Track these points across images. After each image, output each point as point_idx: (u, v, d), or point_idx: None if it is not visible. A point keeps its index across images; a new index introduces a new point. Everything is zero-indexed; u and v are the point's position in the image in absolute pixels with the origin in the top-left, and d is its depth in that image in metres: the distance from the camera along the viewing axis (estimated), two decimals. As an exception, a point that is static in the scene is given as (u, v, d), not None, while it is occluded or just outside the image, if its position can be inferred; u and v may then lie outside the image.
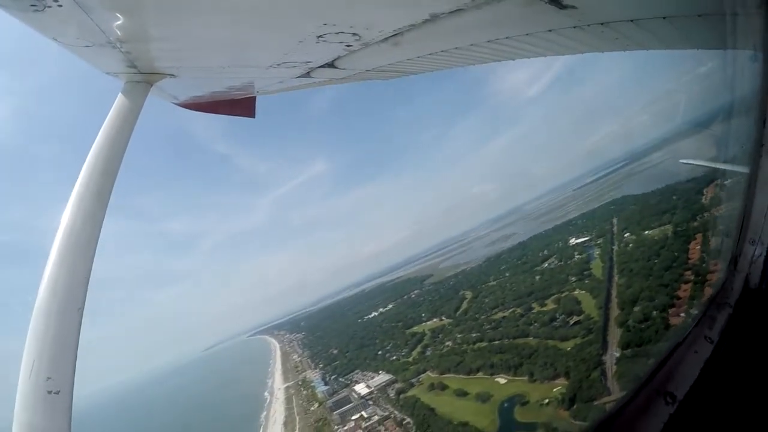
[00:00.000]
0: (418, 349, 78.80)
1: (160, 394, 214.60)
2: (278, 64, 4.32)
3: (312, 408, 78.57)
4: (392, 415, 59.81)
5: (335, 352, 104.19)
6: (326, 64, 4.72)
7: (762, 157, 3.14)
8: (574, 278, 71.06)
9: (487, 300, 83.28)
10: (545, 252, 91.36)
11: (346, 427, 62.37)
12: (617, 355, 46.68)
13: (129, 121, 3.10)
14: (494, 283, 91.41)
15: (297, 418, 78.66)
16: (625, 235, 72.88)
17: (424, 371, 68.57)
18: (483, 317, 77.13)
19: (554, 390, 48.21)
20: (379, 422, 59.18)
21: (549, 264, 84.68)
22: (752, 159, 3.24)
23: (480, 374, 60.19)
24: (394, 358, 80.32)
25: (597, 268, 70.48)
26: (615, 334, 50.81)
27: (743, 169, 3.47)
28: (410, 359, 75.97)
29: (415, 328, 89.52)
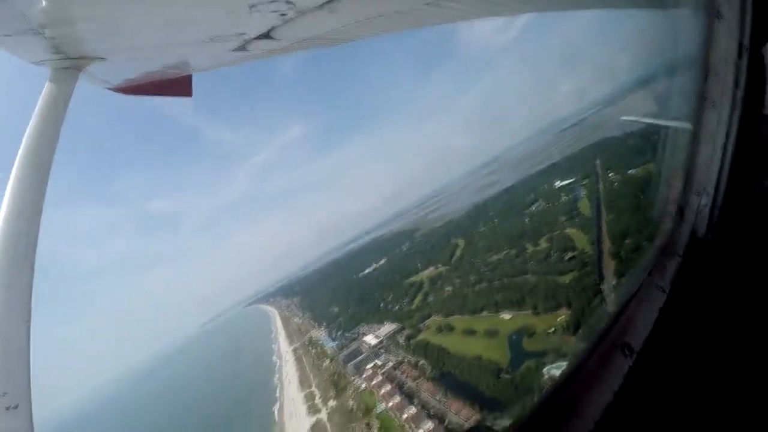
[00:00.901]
0: (420, 296, 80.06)
1: (168, 374, 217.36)
2: (211, 39, 4.14)
3: (324, 364, 79.86)
4: (406, 360, 61.46)
5: (336, 310, 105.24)
6: (262, 35, 4.44)
7: (705, 111, 3.28)
8: (563, 218, 72.44)
9: (480, 245, 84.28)
10: (532, 196, 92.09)
11: (363, 376, 64.17)
12: (614, 282, 48.79)
13: (59, 111, 2.94)
14: (485, 228, 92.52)
15: (311, 376, 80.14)
16: (610, 175, 74.10)
17: (429, 316, 70.01)
18: (479, 261, 78.18)
19: (558, 320, 50.02)
20: (395, 367, 60.86)
21: (537, 207, 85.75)
22: (695, 113, 3.37)
23: (485, 313, 61.72)
24: (397, 308, 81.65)
25: (585, 207, 72.06)
26: (609, 264, 52.71)
27: (686, 123, 3.63)
28: (413, 307, 77.47)
29: (413, 278, 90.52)
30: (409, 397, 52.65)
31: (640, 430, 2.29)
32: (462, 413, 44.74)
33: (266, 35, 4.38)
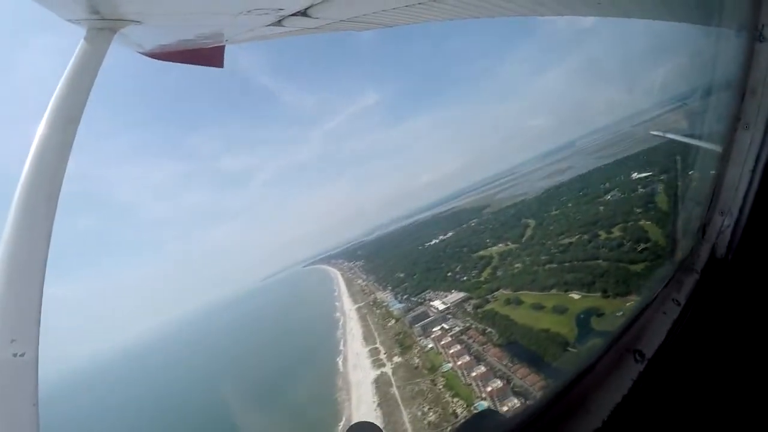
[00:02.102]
0: (488, 270, 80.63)
1: (228, 319, 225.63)
2: (248, 11, 4.17)
3: (389, 324, 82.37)
4: (473, 326, 62.97)
5: (401, 275, 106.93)
6: (299, 12, 4.57)
7: (737, 131, 3.22)
8: (639, 209, 71.34)
9: (551, 227, 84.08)
10: (607, 185, 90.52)
11: (430, 337, 66.18)
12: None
13: (91, 70, 2.96)
14: (557, 212, 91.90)
15: (375, 333, 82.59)
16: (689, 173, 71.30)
17: (498, 289, 70.69)
18: (550, 242, 78.12)
19: (627, 304, 49.70)
20: (462, 332, 62.48)
21: (611, 196, 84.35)
22: (728, 132, 3.30)
23: (554, 291, 62.10)
24: (465, 278, 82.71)
25: (662, 202, 70.00)
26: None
27: (717, 142, 3.55)
28: (481, 279, 78.25)
29: (482, 252, 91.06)
30: (477, 358, 54.22)
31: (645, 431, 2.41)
32: (528, 379, 46.16)
33: (303, 12, 4.52)
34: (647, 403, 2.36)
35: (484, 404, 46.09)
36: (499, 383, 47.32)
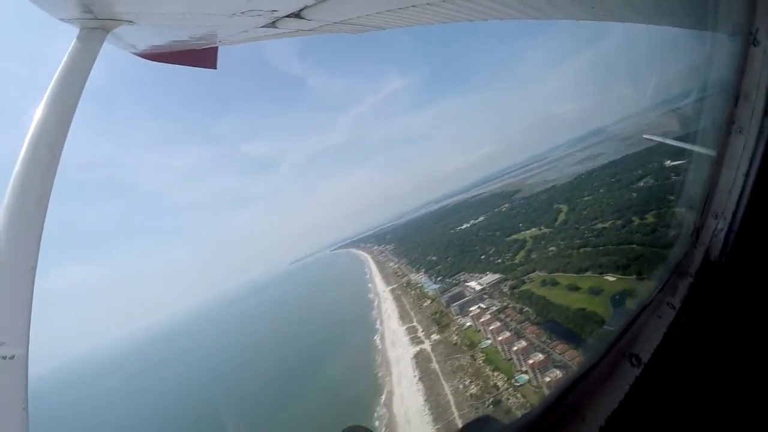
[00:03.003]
0: (522, 253, 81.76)
1: (260, 301, 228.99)
2: (242, 12, 4.18)
3: (425, 304, 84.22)
4: (510, 305, 64.37)
5: (434, 258, 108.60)
6: (293, 13, 4.57)
7: (731, 135, 3.23)
8: (672, 197, 71.34)
9: (584, 213, 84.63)
10: (639, 171, 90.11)
11: (468, 316, 67.92)
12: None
13: (83, 71, 2.91)
14: (589, 198, 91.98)
15: (412, 313, 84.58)
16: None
17: (533, 271, 72.02)
18: (583, 227, 78.88)
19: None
20: (499, 311, 63.88)
21: (645, 183, 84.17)
22: (722, 136, 3.32)
23: (588, 273, 63.01)
24: (499, 260, 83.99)
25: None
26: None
27: (711, 146, 3.57)
28: (516, 261, 79.50)
29: (515, 236, 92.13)
30: (516, 334, 55.84)
31: None
32: (567, 354, 47.73)
33: (297, 14, 4.49)
34: (644, 408, 2.38)
35: (525, 377, 48.14)
36: (540, 356, 48.93)
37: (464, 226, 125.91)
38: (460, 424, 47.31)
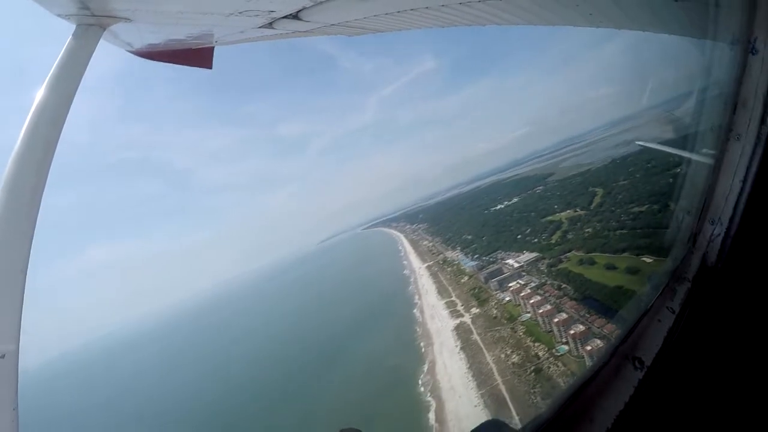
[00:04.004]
0: (559, 233, 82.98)
1: (293, 278, 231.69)
2: (240, 12, 4.15)
3: (462, 280, 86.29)
4: (548, 282, 65.97)
5: (469, 237, 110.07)
6: (290, 15, 4.56)
7: (729, 141, 3.24)
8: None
9: (620, 197, 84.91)
10: (677, 158, 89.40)
11: (507, 291, 69.48)
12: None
13: (79, 67, 2.91)
14: (625, 182, 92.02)
15: (450, 288, 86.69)
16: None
17: (570, 250, 73.12)
18: (619, 210, 79.43)
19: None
20: (538, 287, 65.41)
21: (681, 169, 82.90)
22: (720, 143, 3.31)
23: (626, 254, 63.97)
24: (536, 240, 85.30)
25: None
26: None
27: (709, 152, 3.54)
28: (552, 241, 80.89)
29: (550, 217, 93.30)
30: (557, 308, 57.47)
31: None
32: (606, 328, 49.27)
33: (295, 15, 4.48)
34: (649, 410, 2.41)
35: (565, 348, 50.27)
36: (581, 327, 50.74)
37: (498, 207, 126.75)
38: (503, 389, 50.25)
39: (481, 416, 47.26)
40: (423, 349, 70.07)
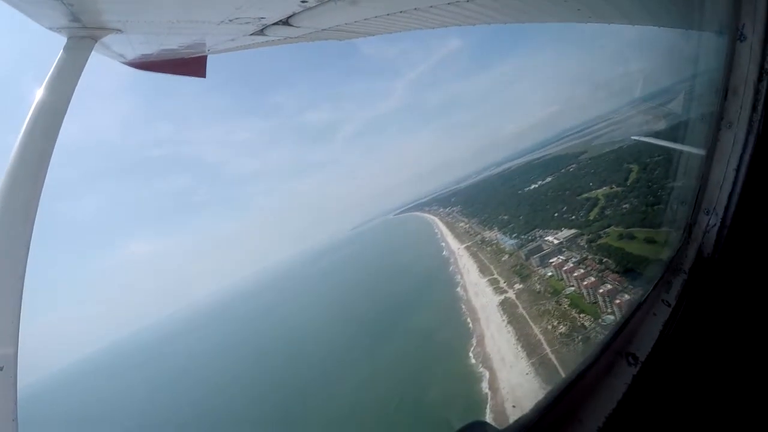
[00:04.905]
0: (596, 210, 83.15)
1: (329, 263, 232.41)
2: (230, 20, 4.10)
3: (503, 258, 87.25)
4: (589, 257, 66.68)
5: (506, 217, 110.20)
6: (281, 21, 4.53)
7: (721, 131, 3.22)
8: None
9: (656, 172, 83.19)
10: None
11: (549, 266, 70.85)
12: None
13: (71, 79, 2.93)
14: (660, 158, 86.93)
15: (491, 266, 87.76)
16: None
17: (608, 226, 73.52)
18: (656, 186, 77.76)
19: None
20: (580, 262, 66.37)
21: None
22: (711, 132, 3.31)
23: (665, 228, 63.96)
24: (573, 217, 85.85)
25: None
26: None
27: (701, 142, 3.59)
28: (590, 218, 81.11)
29: (586, 195, 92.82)
30: (600, 280, 58.46)
31: None
32: None
33: (285, 21, 4.55)
34: (643, 407, 2.33)
35: (611, 318, 51.44)
36: (627, 297, 51.33)
37: (532, 187, 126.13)
38: (553, 358, 52.41)
39: (533, 383, 49.22)
40: (470, 325, 71.96)
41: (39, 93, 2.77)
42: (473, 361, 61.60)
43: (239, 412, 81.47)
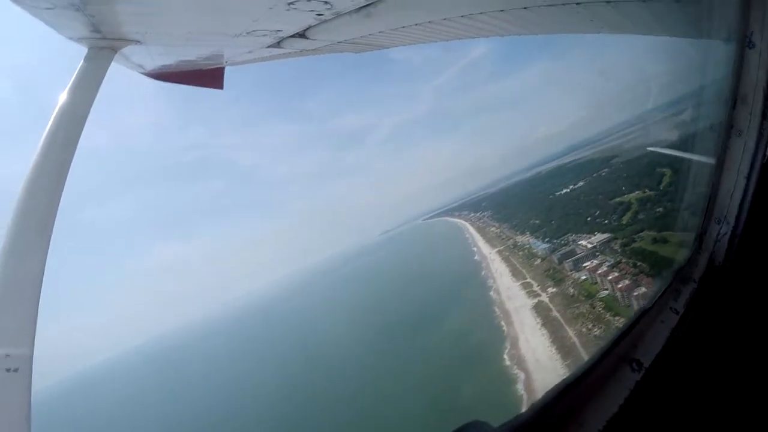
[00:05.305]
0: (629, 214, 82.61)
1: (359, 267, 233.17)
2: (247, 33, 4.16)
3: (535, 263, 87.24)
4: (624, 261, 66.30)
5: (537, 221, 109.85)
6: (297, 34, 4.56)
7: (731, 139, 3.18)
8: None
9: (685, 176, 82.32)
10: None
11: (583, 270, 70.62)
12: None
13: (91, 88, 2.94)
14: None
15: (523, 270, 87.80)
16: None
17: (642, 230, 73.12)
18: (690, 190, 77.64)
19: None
20: (614, 266, 65.97)
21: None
22: (721, 141, 3.27)
23: None
24: (606, 222, 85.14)
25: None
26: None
27: (710, 150, 3.55)
28: (624, 222, 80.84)
29: (618, 199, 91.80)
30: (634, 283, 58.50)
31: None
32: None
33: (302, 34, 4.58)
34: (644, 414, 2.30)
35: None
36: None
37: (564, 191, 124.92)
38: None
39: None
40: (504, 327, 72.39)
41: (60, 101, 2.84)
42: (508, 362, 62.23)
43: (266, 414, 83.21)
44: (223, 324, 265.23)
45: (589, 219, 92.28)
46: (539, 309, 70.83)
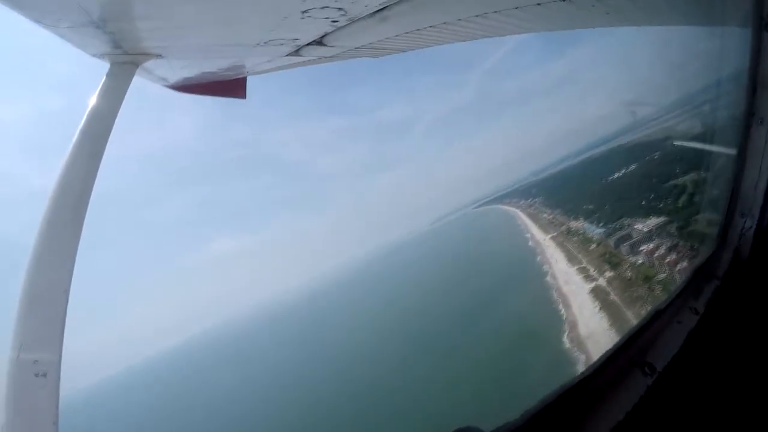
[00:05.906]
0: (684, 197, 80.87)
1: (410, 257, 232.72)
2: (265, 42, 4.16)
3: (591, 247, 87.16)
4: (681, 243, 66.00)
5: (591, 207, 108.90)
6: (314, 41, 4.57)
7: (752, 127, 3.06)
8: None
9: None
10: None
11: (640, 253, 70.73)
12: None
13: (114, 104, 3.00)
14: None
15: (579, 255, 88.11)
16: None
17: (698, 213, 66.35)
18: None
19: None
20: (671, 249, 66.02)
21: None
22: (743, 130, 3.15)
23: None
24: (661, 205, 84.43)
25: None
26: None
27: (731, 141, 3.45)
28: (679, 205, 79.79)
29: (673, 182, 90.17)
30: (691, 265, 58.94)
31: None
32: None
33: (319, 41, 4.61)
34: (654, 423, 2.17)
35: None
36: None
37: (616, 176, 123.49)
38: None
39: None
40: (562, 311, 73.80)
41: (85, 115, 2.89)
42: (568, 345, 63.81)
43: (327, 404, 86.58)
44: (275, 317, 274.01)
45: (643, 203, 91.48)
46: (597, 293, 71.28)
